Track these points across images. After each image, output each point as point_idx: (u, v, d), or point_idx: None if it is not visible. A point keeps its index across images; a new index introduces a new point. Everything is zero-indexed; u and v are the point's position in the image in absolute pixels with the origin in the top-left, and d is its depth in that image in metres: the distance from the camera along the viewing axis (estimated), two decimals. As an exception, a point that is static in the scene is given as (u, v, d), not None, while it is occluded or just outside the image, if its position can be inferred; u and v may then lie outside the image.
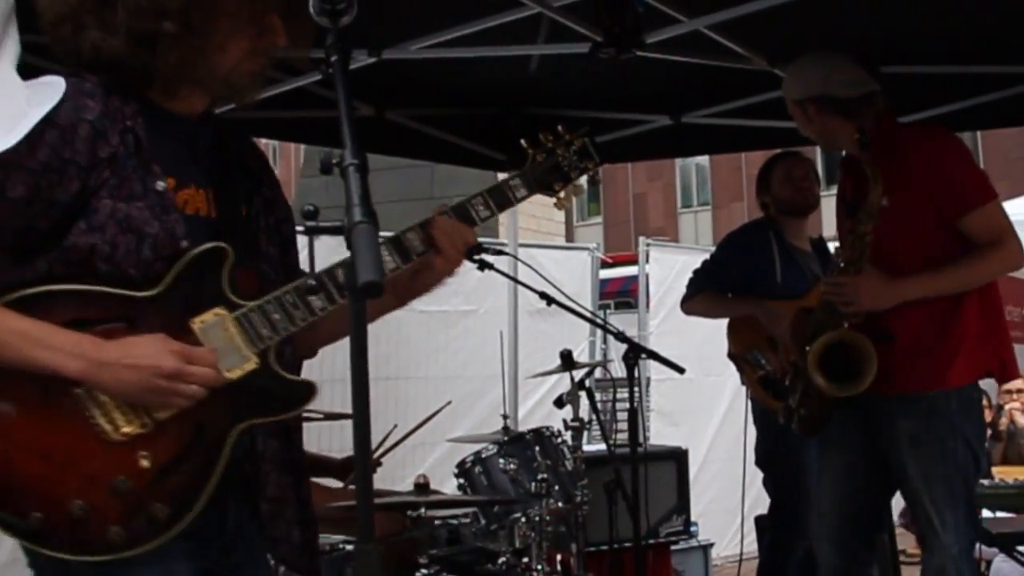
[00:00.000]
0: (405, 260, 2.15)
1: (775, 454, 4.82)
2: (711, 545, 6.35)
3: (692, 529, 5.94)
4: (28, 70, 1.97)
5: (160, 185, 1.97)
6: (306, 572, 2.21)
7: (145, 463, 1.92)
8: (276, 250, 2.22)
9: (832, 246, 4.11)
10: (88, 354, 1.88)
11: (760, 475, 5.05)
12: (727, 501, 6.04)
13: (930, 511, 3.42)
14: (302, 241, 2.28)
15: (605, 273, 11.56)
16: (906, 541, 5.15)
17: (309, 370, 2.26)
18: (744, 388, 4.94)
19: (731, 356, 4.84)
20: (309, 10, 1.72)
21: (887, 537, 5.30)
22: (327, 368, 2.49)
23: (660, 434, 7.82)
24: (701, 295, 4.91)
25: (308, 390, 2.10)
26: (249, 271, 2.11)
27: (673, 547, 5.74)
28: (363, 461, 1.56)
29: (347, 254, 1.55)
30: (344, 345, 1.73)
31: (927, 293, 3.47)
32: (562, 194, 2.33)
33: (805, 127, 3.79)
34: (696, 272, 4.99)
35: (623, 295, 13.66)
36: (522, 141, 2.32)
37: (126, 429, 1.92)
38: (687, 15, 4.04)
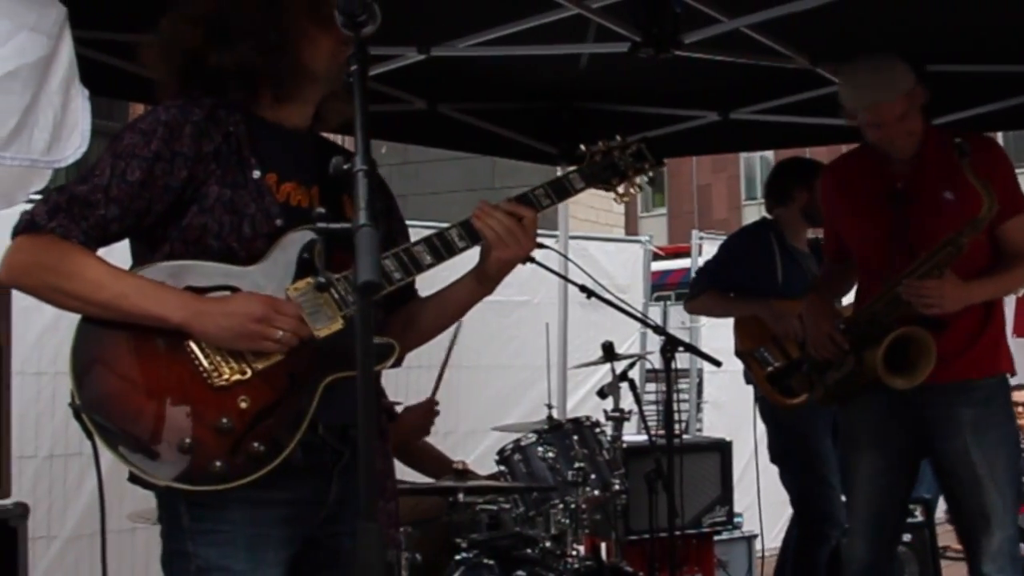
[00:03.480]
0: (450, 253, 2.37)
1: (789, 450, 4.88)
2: (755, 536, 6.39)
3: (737, 520, 6.00)
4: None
5: (256, 174, 2.31)
6: (390, 540, 2.52)
7: (244, 405, 2.21)
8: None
9: None
10: (190, 306, 2.21)
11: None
12: (775, 493, 6.05)
13: (993, 495, 3.55)
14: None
15: (666, 265, 11.57)
16: (949, 538, 5.16)
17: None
18: None
19: (738, 353, 4.93)
20: None
21: (928, 533, 5.34)
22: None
23: (713, 426, 7.84)
24: (706, 295, 5.04)
25: (389, 349, 2.33)
26: (346, 255, 2.27)
27: (717, 538, 5.81)
28: (367, 447, 1.68)
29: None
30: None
31: (988, 296, 3.65)
32: (620, 189, 2.58)
33: (894, 122, 3.58)
34: (699, 272, 5.15)
35: (684, 287, 13.66)
36: (581, 145, 2.56)
37: (228, 375, 2.21)
38: (727, 15, 4.09)
